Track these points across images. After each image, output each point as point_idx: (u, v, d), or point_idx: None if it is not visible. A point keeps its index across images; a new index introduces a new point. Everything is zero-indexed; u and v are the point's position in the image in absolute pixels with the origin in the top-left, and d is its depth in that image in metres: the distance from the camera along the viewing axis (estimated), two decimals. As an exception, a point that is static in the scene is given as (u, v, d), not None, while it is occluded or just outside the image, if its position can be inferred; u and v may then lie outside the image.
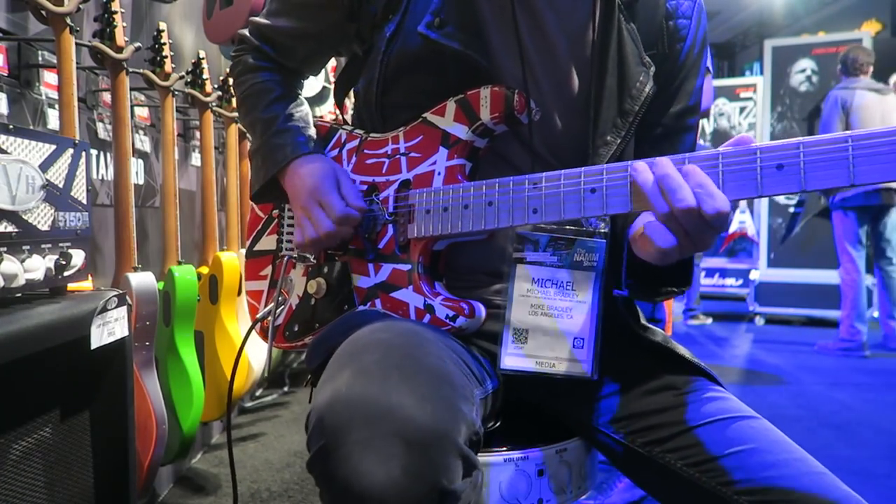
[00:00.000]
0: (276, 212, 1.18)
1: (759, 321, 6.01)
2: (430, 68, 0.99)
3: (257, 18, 1.16)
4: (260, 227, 1.21)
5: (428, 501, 0.66)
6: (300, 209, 1.04)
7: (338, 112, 1.22)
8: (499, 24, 1.00)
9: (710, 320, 6.33)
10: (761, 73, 7.25)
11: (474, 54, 0.96)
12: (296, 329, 1.11)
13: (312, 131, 1.12)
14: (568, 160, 0.96)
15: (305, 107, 1.16)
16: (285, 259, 1.13)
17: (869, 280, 5.14)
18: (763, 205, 6.08)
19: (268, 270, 1.19)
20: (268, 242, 1.20)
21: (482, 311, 0.98)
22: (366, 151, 1.07)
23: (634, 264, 0.93)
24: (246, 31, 1.18)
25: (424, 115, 1.01)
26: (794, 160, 0.73)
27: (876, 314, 5.53)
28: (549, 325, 0.94)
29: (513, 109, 0.94)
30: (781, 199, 5.99)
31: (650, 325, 1.05)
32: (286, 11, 1.11)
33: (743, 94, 7.63)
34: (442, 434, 0.69)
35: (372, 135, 1.07)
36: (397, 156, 1.03)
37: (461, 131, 0.98)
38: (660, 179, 0.76)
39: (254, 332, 1.17)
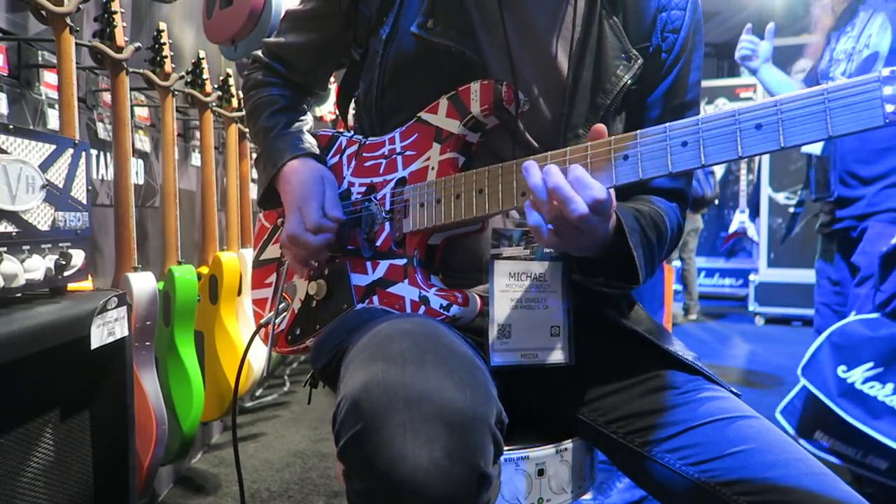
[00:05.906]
0: (280, 220, 1.20)
1: (759, 321, 6.00)
2: (425, 68, 1.01)
3: (269, 39, 1.23)
4: (266, 236, 1.23)
5: (468, 484, 0.67)
6: (286, 212, 1.07)
7: (338, 113, 1.24)
8: (485, 21, 1.01)
9: (702, 318, 6.33)
10: (761, 73, 7.24)
11: (466, 50, 0.98)
12: (297, 332, 1.11)
13: (311, 139, 1.15)
14: None
15: (308, 118, 1.21)
16: (287, 264, 1.14)
17: None
18: (763, 205, 6.07)
19: (272, 278, 1.20)
20: (272, 251, 1.21)
21: (476, 300, 0.99)
22: (364, 154, 1.09)
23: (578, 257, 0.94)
24: (258, 52, 1.24)
25: (419, 115, 1.03)
26: (772, 118, 0.74)
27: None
28: (528, 317, 0.95)
29: (501, 101, 0.96)
30: (781, 199, 5.98)
31: (635, 312, 1.05)
32: (295, 28, 1.18)
33: (743, 94, 7.62)
34: (480, 417, 0.70)
35: (370, 138, 1.10)
36: (394, 156, 1.05)
37: (453, 126, 0.99)
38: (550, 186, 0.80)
39: (257, 337, 1.17)
